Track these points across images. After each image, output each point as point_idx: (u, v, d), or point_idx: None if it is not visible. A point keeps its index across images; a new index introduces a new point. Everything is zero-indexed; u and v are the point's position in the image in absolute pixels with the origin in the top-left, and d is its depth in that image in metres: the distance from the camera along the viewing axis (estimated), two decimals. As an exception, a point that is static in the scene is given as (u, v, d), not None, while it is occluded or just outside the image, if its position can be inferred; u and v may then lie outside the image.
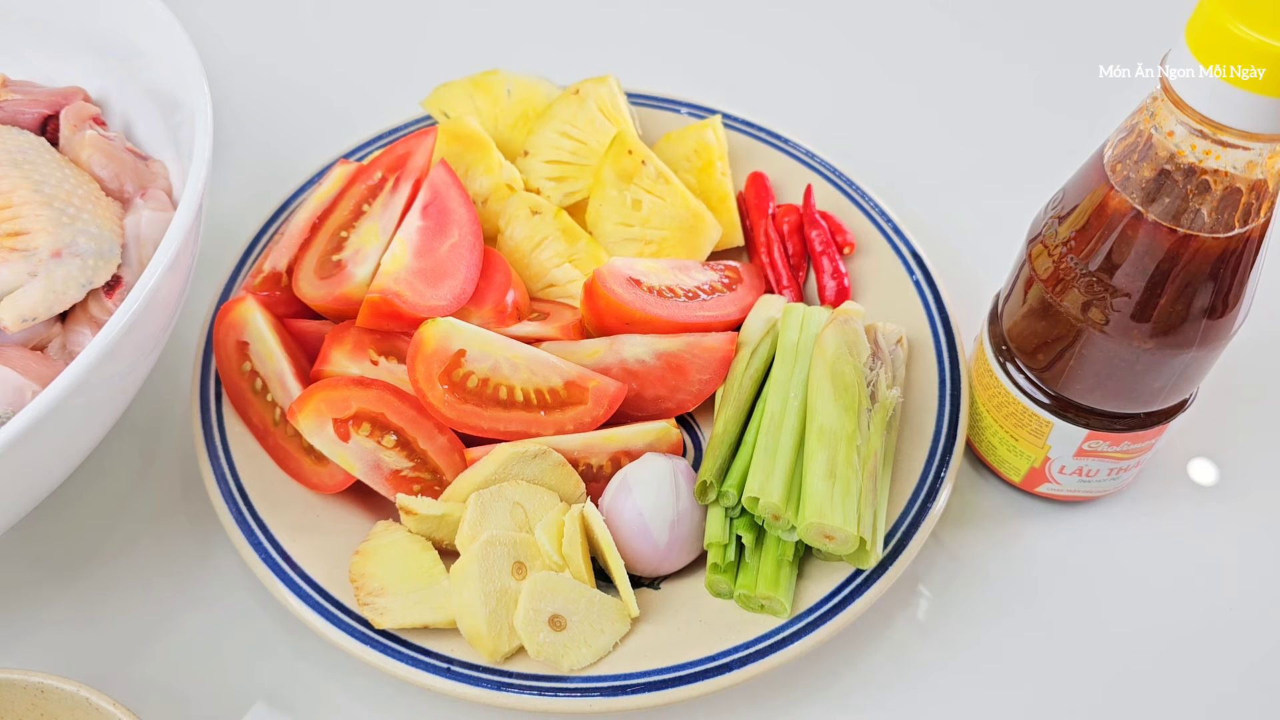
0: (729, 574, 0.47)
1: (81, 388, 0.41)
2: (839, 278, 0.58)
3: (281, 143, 0.73)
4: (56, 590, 0.52)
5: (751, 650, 0.45)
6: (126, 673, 0.50)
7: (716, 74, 0.77)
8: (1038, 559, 0.53)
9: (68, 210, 0.49)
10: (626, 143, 0.58)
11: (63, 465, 0.47)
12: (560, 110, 0.61)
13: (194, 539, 0.54)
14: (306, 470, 0.51)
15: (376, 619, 0.46)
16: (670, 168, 0.61)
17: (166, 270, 0.44)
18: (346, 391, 0.50)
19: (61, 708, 0.42)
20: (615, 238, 0.59)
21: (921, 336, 0.55)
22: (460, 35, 0.81)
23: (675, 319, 0.55)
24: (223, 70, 0.77)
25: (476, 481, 0.48)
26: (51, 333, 0.50)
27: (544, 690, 0.44)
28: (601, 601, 0.46)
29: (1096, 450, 0.49)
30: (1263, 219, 0.40)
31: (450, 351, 0.51)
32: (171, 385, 0.60)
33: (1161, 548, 0.54)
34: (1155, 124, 0.39)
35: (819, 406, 0.48)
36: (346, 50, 0.80)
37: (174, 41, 0.52)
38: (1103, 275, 0.43)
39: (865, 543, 0.46)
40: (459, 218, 0.55)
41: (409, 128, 0.65)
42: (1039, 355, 0.48)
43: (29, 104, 0.55)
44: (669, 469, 0.49)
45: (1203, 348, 0.43)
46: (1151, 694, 0.49)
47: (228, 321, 0.54)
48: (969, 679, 0.49)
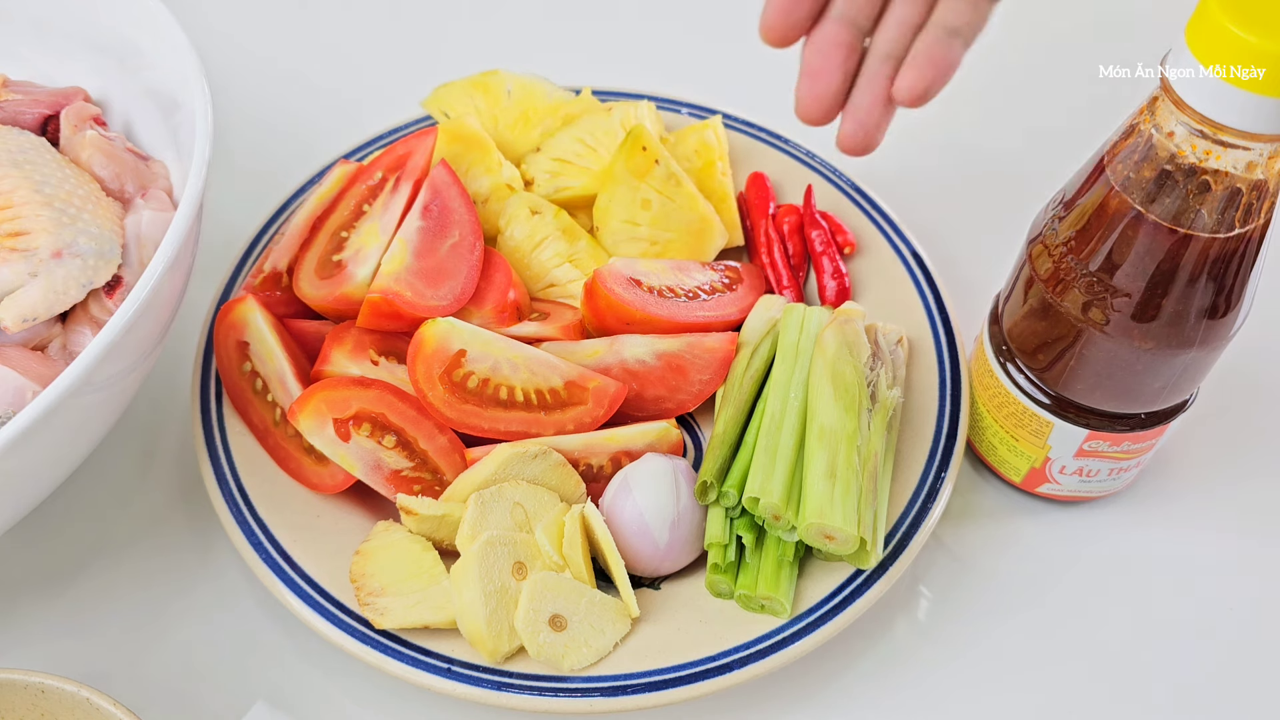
0: (729, 574, 0.47)
1: (81, 388, 0.41)
2: (839, 278, 0.58)
3: (282, 143, 0.73)
4: (57, 590, 0.52)
5: (752, 650, 0.45)
6: (126, 673, 0.50)
7: (717, 74, 0.77)
8: (1038, 559, 0.53)
9: (68, 210, 0.49)
10: (642, 139, 0.58)
11: (63, 465, 0.47)
12: (585, 120, 0.61)
13: (194, 539, 0.54)
14: (307, 470, 0.51)
15: (377, 619, 0.46)
16: (670, 168, 0.61)
17: (166, 270, 0.44)
18: (347, 391, 0.50)
19: (62, 708, 0.42)
20: (620, 236, 0.59)
21: (922, 336, 0.55)
22: (461, 35, 0.81)
23: (675, 319, 0.55)
24: (223, 70, 0.77)
25: (477, 481, 0.48)
26: (52, 333, 0.50)
27: (544, 690, 0.44)
28: (602, 601, 0.46)
29: (1097, 450, 0.49)
30: (1263, 219, 0.40)
31: (450, 351, 0.51)
32: (171, 385, 0.60)
33: (1161, 548, 0.54)
34: (1155, 124, 0.39)
35: (819, 407, 0.48)
36: (347, 50, 0.80)
37: (174, 41, 0.52)
38: (1103, 275, 0.43)
39: (865, 543, 0.46)
40: (459, 218, 0.55)
41: (409, 128, 0.65)
42: (1039, 355, 0.48)
43: (29, 104, 0.55)
44: (669, 469, 0.49)
45: (1203, 348, 0.44)
46: (1151, 694, 0.49)
47: (228, 321, 0.54)
48: (969, 679, 0.49)
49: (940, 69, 0.45)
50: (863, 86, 0.46)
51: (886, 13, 0.46)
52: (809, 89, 0.46)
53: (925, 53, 0.45)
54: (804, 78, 0.47)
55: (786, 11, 0.46)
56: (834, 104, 0.47)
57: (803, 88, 0.47)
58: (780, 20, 0.46)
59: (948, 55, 0.46)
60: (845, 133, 0.47)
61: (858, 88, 0.47)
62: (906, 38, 0.46)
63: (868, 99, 0.46)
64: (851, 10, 0.46)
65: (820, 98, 0.46)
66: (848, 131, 0.47)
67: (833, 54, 0.46)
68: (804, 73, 0.47)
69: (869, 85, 0.46)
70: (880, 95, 0.46)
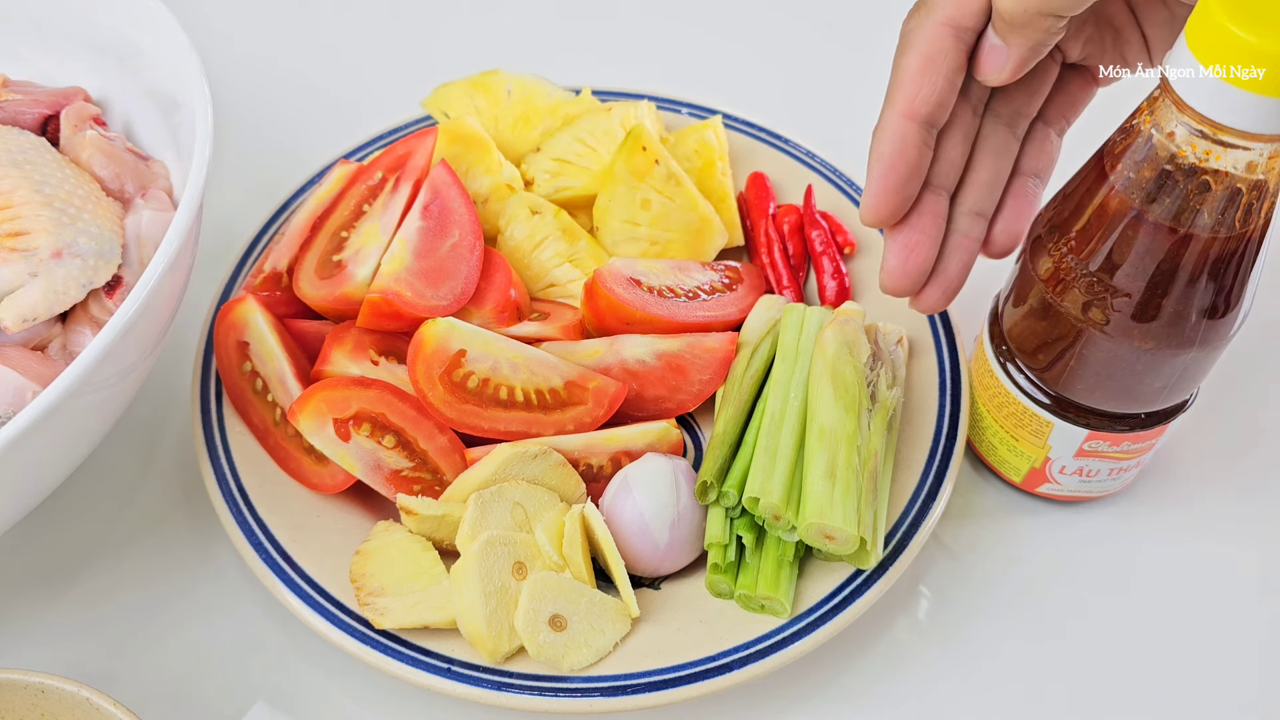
0: (729, 574, 0.47)
1: (81, 388, 0.41)
2: (839, 278, 0.58)
3: (282, 143, 0.73)
4: (57, 590, 0.52)
5: (751, 650, 0.45)
6: (126, 673, 0.50)
7: (717, 74, 0.77)
8: (1038, 559, 0.53)
9: (68, 210, 0.49)
10: (641, 139, 0.58)
11: (63, 465, 0.47)
12: (585, 120, 0.61)
13: (194, 539, 0.54)
14: (307, 470, 0.51)
15: (377, 619, 0.46)
16: (671, 168, 0.61)
17: (166, 270, 0.44)
18: (347, 391, 0.50)
19: (62, 708, 0.42)
20: (620, 236, 0.59)
21: (921, 336, 0.55)
22: (460, 35, 0.81)
23: (675, 319, 0.55)
24: (223, 70, 0.77)
25: (477, 481, 0.48)
26: (52, 333, 0.50)
27: (544, 690, 0.44)
28: (602, 601, 0.46)
29: (1097, 450, 0.49)
30: (1263, 219, 0.40)
31: (450, 351, 0.51)
32: (171, 385, 0.60)
33: (1161, 548, 0.54)
34: (1155, 124, 0.39)
35: (819, 407, 0.48)
36: (348, 50, 0.80)
37: (174, 41, 0.52)
38: (1103, 275, 0.43)
39: (865, 543, 0.46)
40: (459, 218, 0.55)
41: (409, 128, 0.65)
42: (1039, 355, 0.48)
43: (29, 104, 0.55)
44: (669, 469, 0.49)
45: (1203, 348, 0.43)
46: (1151, 693, 0.49)
47: (228, 321, 0.54)
48: (969, 679, 0.49)
49: (1028, 217, 0.45)
50: (952, 252, 0.44)
51: (971, 169, 0.44)
52: (904, 263, 0.44)
53: (1015, 205, 0.45)
54: (900, 251, 0.43)
55: (900, 190, 0.42)
56: (926, 276, 0.44)
57: (895, 261, 0.44)
58: (894, 201, 0.42)
59: (1035, 202, 0.45)
60: (930, 299, 0.45)
61: (947, 253, 0.45)
62: (996, 193, 0.45)
63: (955, 263, 0.44)
64: (944, 177, 0.44)
65: (914, 272, 0.44)
66: (934, 297, 0.45)
67: (929, 226, 0.43)
68: (900, 246, 0.43)
69: (959, 248, 0.44)
70: (968, 258, 0.45)
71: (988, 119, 0.44)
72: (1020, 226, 0.45)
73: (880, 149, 0.42)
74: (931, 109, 0.41)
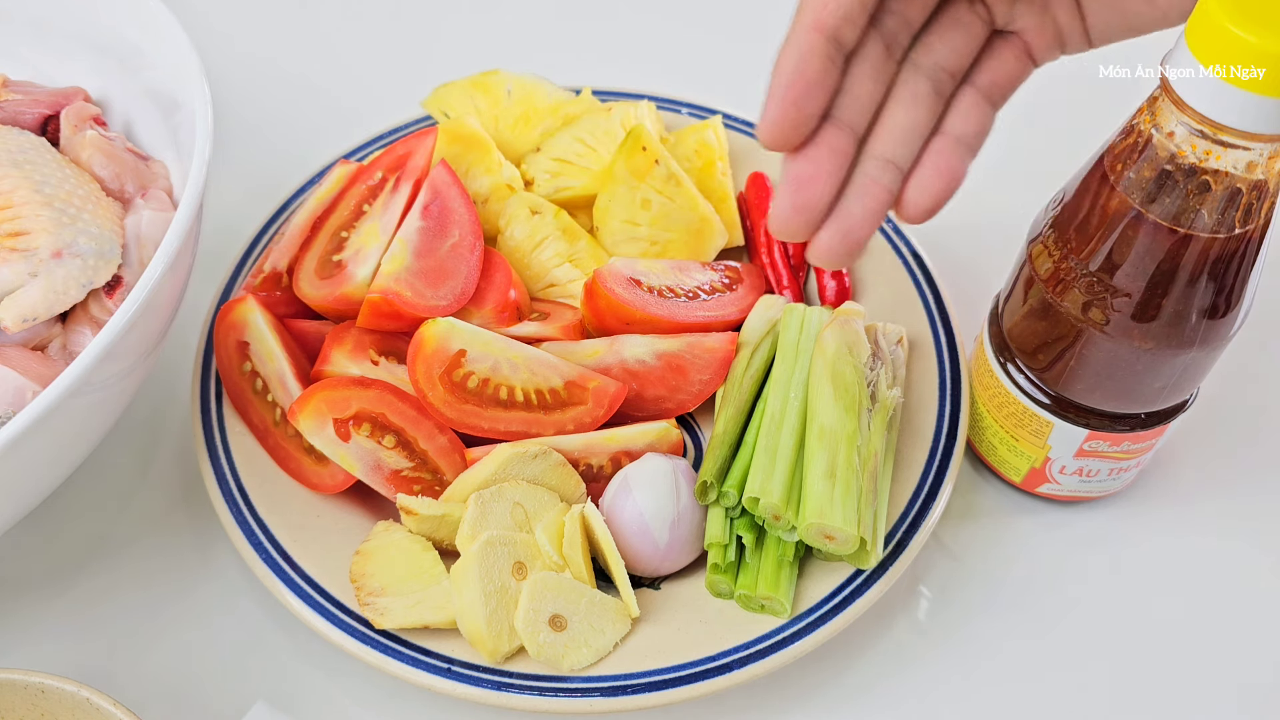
0: (729, 574, 0.47)
1: (81, 388, 0.41)
2: (839, 278, 0.58)
3: (282, 143, 0.73)
4: (57, 590, 0.52)
5: (751, 650, 0.45)
6: (126, 672, 0.50)
7: (717, 74, 0.77)
8: (1038, 559, 0.53)
9: (68, 210, 0.49)
10: (641, 139, 0.58)
11: (63, 465, 0.47)
12: (585, 120, 0.61)
13: (194, 539, 0.54)
14: (307, 470, 0.51)
15: (377, 619, 0.46)
16: (670, 168, 0.61)
17: (166, 270, 0.44)
18: (347, 391, 0.50)
19: (62, 708, 0.42)
20: (620, 236, 0.59)
21: (921, 336, 0.55)
22: (460, 35, 0.81)
23: (675, 319, 0.55)
24: (223, 70, 0.77)
25: (477, 481, 0.48)
26: (52, 333, 0.50)
27: (544, 690, 0.44)
28: (602, 601, 0.46)
29: (1097, 450, 0.49)
30: (1263, 219, 0.40)
31: (450, 351, 0.51)
32: (171, 385, 0.60)
33: (1161, 548, 0.54)
34: (1155, 124, 0.39)
35: (819, 407, 0.48)
36: (348, 50, 0.80)
37: (174, 41, 0.52)
38: (1103, 275, 0.43)
39: (865, 543, 0.46)
40: (459, 218, 0.55)
41: (409, 128, 0.65)
42: (1039, 355, 0.48)
43: (29, 104, 0.55)
44: (669, 469, 0.49)
45: (1203, 348, 0.44)
46: (1151, 693, 0.49)
47: (228, 321, 0.54)
48: (969, 679, 0.49)
49: (950, 182, 0.40)
50: (856, 192, 0.40)
51: (885, 114, 0.40)
52: (794, 198, 0.39)
53: (935, 164, 0.40)
54: (789, 185, 0.39)
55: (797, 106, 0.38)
56: (821, 216, 0.40)
57: (785, 197, 0.39)
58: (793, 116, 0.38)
59: (959, 167, 0.41)
60: (825, 243, 0.40)
61: (850, 194, 0.40)
62: (913, 145, 0.40)
63: (860, 207, 0.39)
64: (851, 113, 0.40)
65: (806, 208, 0.39)
66: (830, 242, 0.39)
67: (826, 159, 0.39)
68: (790, 180, 0.39)
69: (864, 192, 0.40)
70: (876, 205, 0.40)
71: (906, 67, 0.41)
72: (939, 188, 0.40)
73: (782, 63, 0.39)
74: (839, 21, 0.38)
